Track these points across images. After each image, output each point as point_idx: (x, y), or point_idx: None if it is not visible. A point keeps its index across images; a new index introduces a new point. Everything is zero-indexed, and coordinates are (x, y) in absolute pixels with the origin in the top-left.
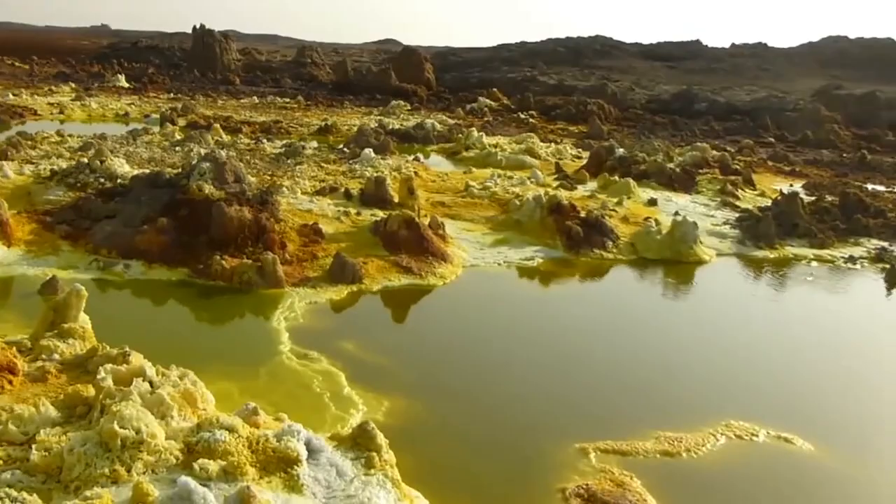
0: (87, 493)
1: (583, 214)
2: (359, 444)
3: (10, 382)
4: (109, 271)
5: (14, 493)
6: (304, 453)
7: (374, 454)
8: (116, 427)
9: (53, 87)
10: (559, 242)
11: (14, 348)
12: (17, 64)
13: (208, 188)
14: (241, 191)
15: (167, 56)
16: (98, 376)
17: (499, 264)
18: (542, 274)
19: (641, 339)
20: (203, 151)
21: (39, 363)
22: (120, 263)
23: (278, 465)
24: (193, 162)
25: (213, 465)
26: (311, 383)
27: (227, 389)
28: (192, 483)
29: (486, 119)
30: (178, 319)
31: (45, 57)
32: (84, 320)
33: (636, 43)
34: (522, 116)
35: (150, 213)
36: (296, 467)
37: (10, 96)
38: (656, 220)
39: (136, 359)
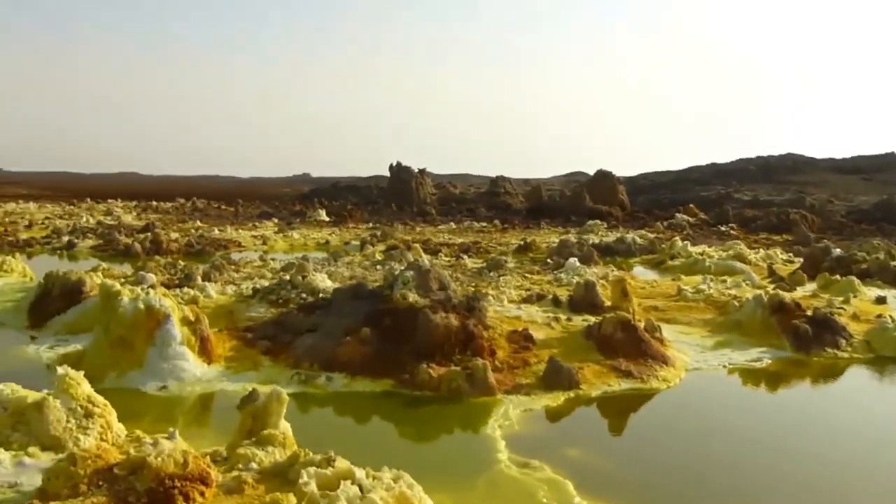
0: None
1: (809, 313)
2: None
3: (203, 495)
4: (311, 384)
5: None
6: None
7: None
8: None
9: (257, 223)
10: (786, 343)
11: (208, 458)
12: (223, 207)
13: (412, 296)
14: (447, 298)
15: (364, 194)
16: (300, 481)
17: (724, 366)
18: (772, 375)
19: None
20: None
21: (235, 473)
22: (322, 376)
23: None
24: (396, 272)
25: None
26: (535, 493)
27: (442, 502)
28: None
29: (685, 232)
30: (384, 430)
31: (249, 200)
32: (284, 427)
33: (828, 158)
34: (723, 229)
35: (352, 325)
36: None
37: (216, 231)
38: (891, 317)
39: (342, 463)
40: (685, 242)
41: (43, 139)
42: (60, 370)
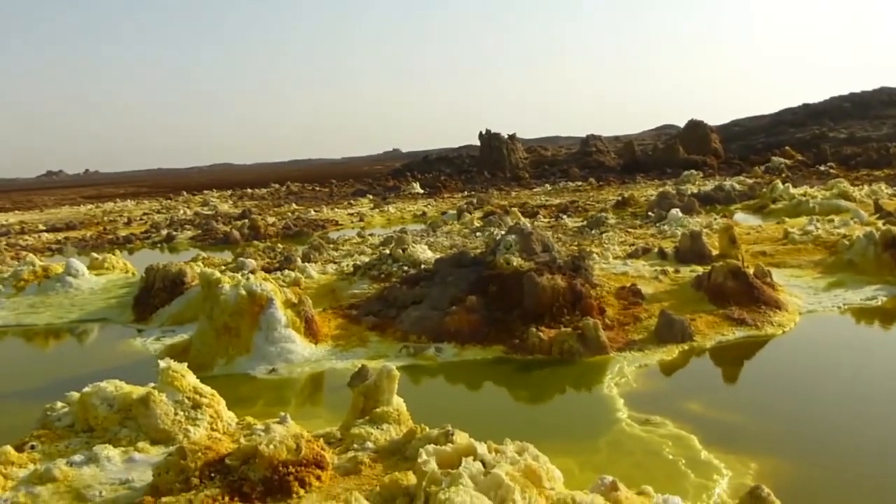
0: None
1: None
2: None
3: (319, 478)
4: (421, 356)
5: None
6: None
7: None
8: None
9: (352, 202)
10: None
11: (322, 440)
12: (317, 188)
13: (516, 260)
14: (552, 259)
15: (456, 164)
16: (419, 459)
17: (838, 308)
18: (889, 313)
19: None
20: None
21: (351, 454)
22: (431, 347)
23: None
24: (497, 237)
25: None
26: (660, 450)
27: (566, 466)
28: None
29: (784, 175)
30: (498, 397)
31: (342, 180)
32: (398, 403)
33: None
34: (822, 168)
35: (457, 294)
36: None
37: (312, 212)
38: None
39: (462, 437)
40: (786, 185)
41: (137, 138)
42: (163, 363)
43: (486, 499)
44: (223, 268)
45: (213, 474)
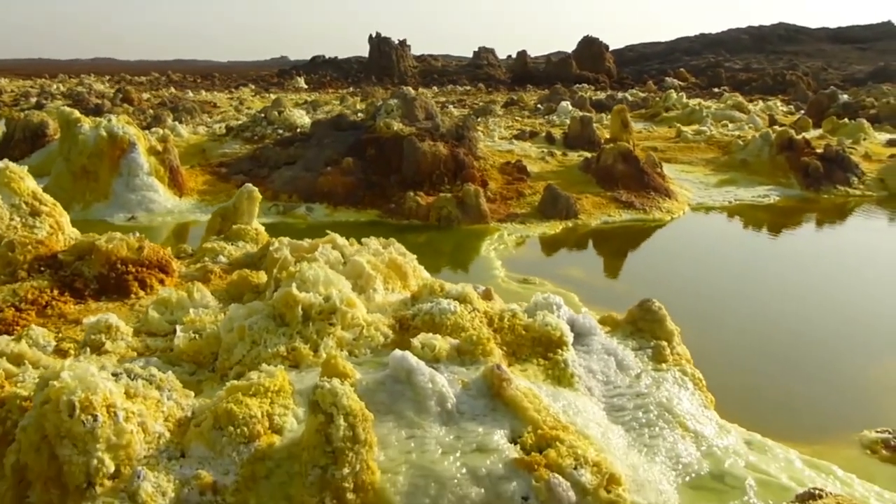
0: (252, 373)
1: (819, 151)
2: (640, 329)
3: (162, 282)
4: (291, 214)
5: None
6: (568, 334)
7: (664, 343)
8: (296, 291)
9: (233, 89)
10: (794, 180)
11: (169, 249)
12: (199, 80)
13: (397, 125)
14: (434, 126)
15: (344, 69)
16: (271, 248)
17: (729, 203)
18: (781, 211)
19: None
20: None
21: (200, 265)
22: (302, 206)
23: (534, 348)
24: (378, 104)
25: (442, 343)
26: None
27: None
28: (413, 359)
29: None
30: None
31: (227, 77)
32: (258, 225)
33: (823, 27)
34: (716, 90)
35: (333, 156)
36: (560, 352)
37: (190, 93)
38: None
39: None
40: (681, 94)
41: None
42: (0, 164)
43: (342, 277)
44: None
45: (42, 268)
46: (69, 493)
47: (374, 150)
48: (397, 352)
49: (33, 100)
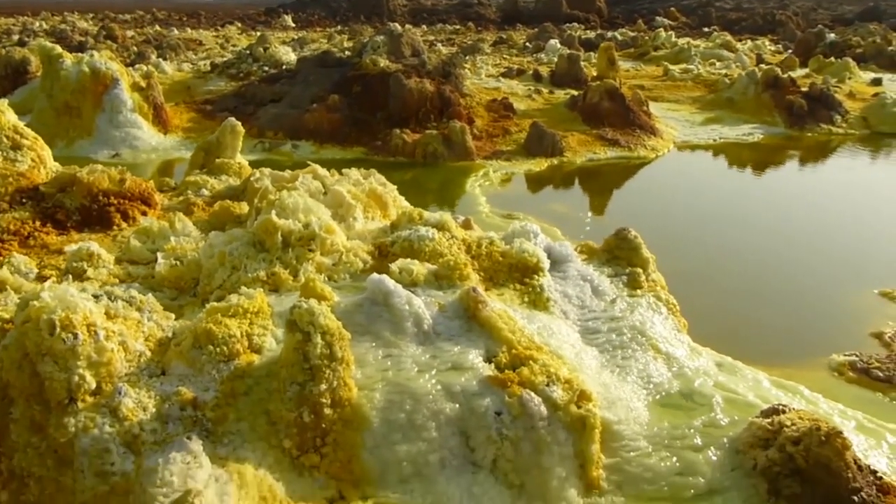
0: (232, 296)
1: (804, 89)
2: (617, 257)
3: (145, 214)
4: (276, 152)
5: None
6: (545, 261)
7: (639, 271)
8: (276, 218)
9: (219, 27)
10: (779, 119)
11: (151, 182)
12: (185, 17)
13: (383, 61)
14: (421, 63)
15: (332, 7)
16: (253, 178)
17: (714, 141)
18: (764, 149)
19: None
20: None
21: (183, 197)
22: (287, 144)
23: (510, 273)
24: (365, 41)
25: (419, 268)
26: None
27: None
28: (390, 282)
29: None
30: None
31: (214, 14)
32: (241, 159)
33: None
34: (706, 30)
35: (319, 93)
36: (536, 277)
37: (175, 31)
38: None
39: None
40: (670, 33)
41: None
42: None
43: (321, 206)
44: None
45: (24, 200)
46: (51, 409)
47: (360, 87)
48: (375, 275)
49: (15, 37)
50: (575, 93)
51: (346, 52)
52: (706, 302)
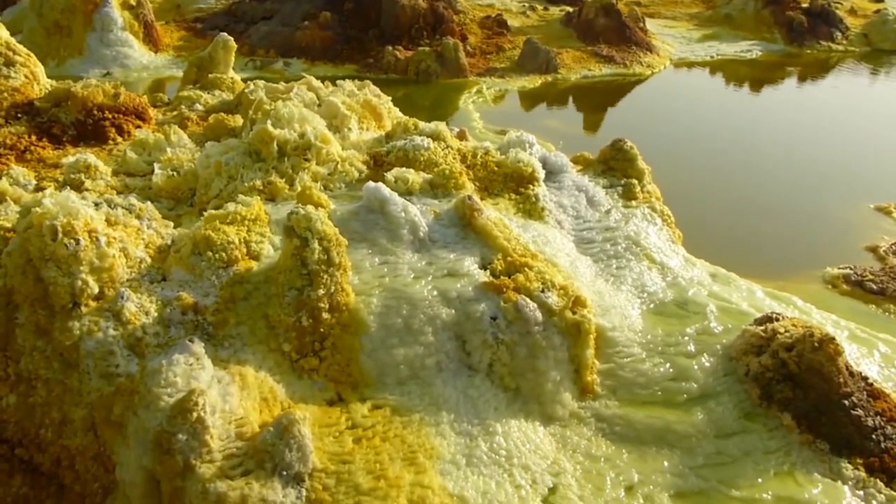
0: (229, 204)
1: (805, 5)
2: (612, 168)
3: (140, 129)
4: (268, 70)
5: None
6: (540, 171)
7: (635, 182)
8: (271, 128)
9: None
10: (778, 35)
11: (145, 97)
12: None
13: None
14: None
15: None
16: (247, 90)
17: (711, 58)
18: (763, 66)
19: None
20: None
21: (177, 112)
22: (279, 62)
23: (506, 183)
24: None
25: (415, 177)
26: None
27: None
28: (386, 190)
29: None
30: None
31: None
32: (233, 75)
33: None
34: None
35: (310, 10)
36: (531, 187)
37: None
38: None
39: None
40: None
41: None
42: None
43: (316, 116)
44: None
45: (19, 115)
46: (56, 313)
47: (351, 4)
48: (371, 183)
49: None
50: (570, 9)
51: None
52: (701, 215)
